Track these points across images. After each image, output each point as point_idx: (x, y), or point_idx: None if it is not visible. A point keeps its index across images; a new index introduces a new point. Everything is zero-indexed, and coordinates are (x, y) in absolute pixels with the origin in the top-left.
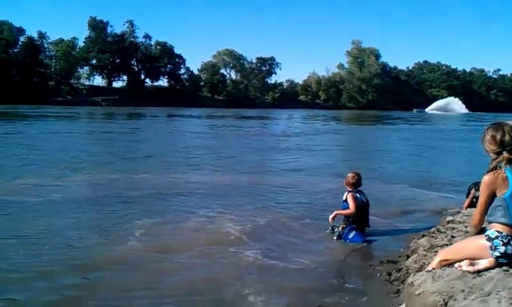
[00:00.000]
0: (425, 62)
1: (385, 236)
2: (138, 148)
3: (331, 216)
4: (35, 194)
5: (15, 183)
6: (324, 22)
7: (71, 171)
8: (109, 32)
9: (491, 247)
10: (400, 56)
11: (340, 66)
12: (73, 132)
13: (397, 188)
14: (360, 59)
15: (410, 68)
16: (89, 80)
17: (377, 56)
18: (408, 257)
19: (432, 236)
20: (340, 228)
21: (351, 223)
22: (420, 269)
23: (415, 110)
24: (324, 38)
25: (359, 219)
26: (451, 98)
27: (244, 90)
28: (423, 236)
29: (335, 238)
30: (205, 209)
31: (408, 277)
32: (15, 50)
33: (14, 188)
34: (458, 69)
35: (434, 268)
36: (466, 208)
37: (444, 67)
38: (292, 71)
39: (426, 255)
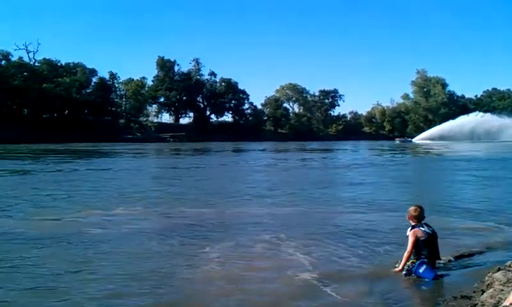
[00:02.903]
0: (495, 89)
1: (457, 271)
2: (205, 182)
3: (397, 269)
4: (119, 225)
5: (104, 214)
6: (387, 52)
7: (147, 204)
8: (176, 70)
9: None
10: (468, 84)
11: (405, 96)
12: (144, 168)
13: (463, 221)
14: (425, 89)
15: (479, 96)
16: (157, 117)
17: (444, 85)
18: (483, 292)
19: (508, 270)
20: (409, 263)
21: (422, 256)
22: (496, 305)
23: (397, 140)
24: (387, 68)
25: (429, 252)
26: (461, 120)
27: (307, 123)
28: (498, 270)
29: (404, 273)
30: (271, 237)
31: None
32: (88, 91)
33: (104, 219)
34: None
35: (511, 304)
36: None
37: None
38: (355, 102)
39: (503, 290)
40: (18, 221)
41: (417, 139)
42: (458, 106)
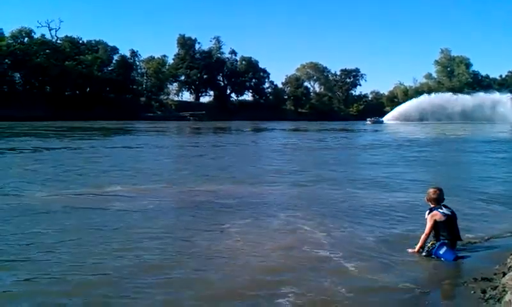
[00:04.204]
0: None
1: (478, 253)
2: (225, 161)
3: (415, 250)
4: (142, 201)
5: (128, 190)
6: (410, 31)
7: (169, 181)
8: (196, 49)
9: None
10: (493, 64)
11: (428, 76)
12: (167, 146)
13: (484, 204)
14: (449, 68)
15: (504, 76)
16: (177, 95)
17: (468, 65)
18: (504, 274)
19: None
20: (430, 244)
21: (441, 237)
22: None
23: (368, 121)
24: (410, 48)
25: (449, 233)
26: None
27: (327, 102)
28: None
29: (424, 254)
30: (287, 215)
31: (504, 295)
32: (109, 68)
33: (127, 195)
34: None
35: None
36: None
37: None
38: (377, 82)
39: None
40: (42, 196)
41: (387, 119)
42: (482, 86)
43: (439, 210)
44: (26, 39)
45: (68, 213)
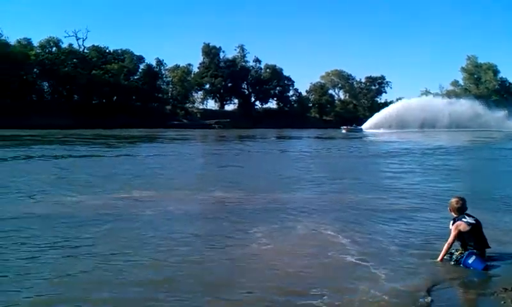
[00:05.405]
0: None
1: (507, 262)
2: (250, 168)
3: (438, 259)
4: (171, 207)
5: (156, 197)
6: (436, 38)
7: (197, 188)
8: (221, 57)
9: None
10: None
11: (455, 83)
12: (195, 153)
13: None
14: (476, 76)
15: None
16: (202, 104)
17: (495, 71)
18: None
19: None
20: (458, 253)
21: (469, 247)
22: None
23: (343, 129)
24: (436, 55)
25: (476, 242)
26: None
27: (352, 110)
28: None
29: (452, 263)
30: (313, 221)
31: None
32: (135, 77)
33: (156, 202)
34: None
35: None
36: None
37: None
38: (403, 89)
39: None
40: (71, 202)
41: (366, 127)
42: (510, 93)
43: (463, 219)
44: (54, 48)
45: (100, 220)
